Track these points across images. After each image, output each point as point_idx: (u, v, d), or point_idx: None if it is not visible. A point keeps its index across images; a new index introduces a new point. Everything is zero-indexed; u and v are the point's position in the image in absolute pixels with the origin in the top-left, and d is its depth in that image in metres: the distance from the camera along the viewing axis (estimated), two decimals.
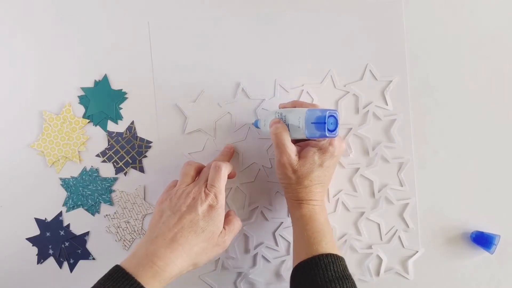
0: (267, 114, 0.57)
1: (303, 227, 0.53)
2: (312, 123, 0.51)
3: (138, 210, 0.62)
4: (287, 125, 0.53)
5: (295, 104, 0.56)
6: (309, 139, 0.54)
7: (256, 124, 0.59)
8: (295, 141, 0.55)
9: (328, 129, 0.51)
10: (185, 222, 0.50)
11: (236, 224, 0.55)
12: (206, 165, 0.57)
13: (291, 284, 0.52)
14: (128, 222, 0.62)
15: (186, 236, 0.49)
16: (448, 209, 0.60)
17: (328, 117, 0.50)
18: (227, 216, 0.54)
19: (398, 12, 0.60)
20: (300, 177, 0.53)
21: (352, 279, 0.51)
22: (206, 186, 0.52)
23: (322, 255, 0.50)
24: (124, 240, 0.62)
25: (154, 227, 0.51)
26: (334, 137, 0.52)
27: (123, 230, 0.63)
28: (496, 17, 0.59)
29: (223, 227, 0.52)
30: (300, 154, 0.53)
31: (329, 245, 0.51)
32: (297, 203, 0.54)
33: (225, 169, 0.54)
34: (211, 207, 0.51)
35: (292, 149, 0.53)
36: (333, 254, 0.50)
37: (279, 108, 0.57)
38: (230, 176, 0.56)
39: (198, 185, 0.53)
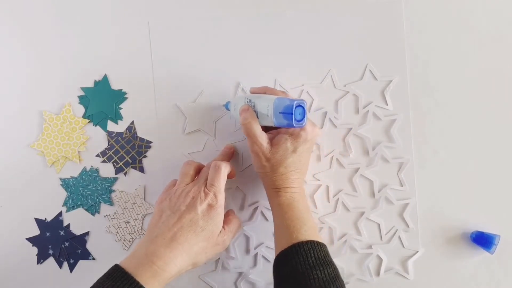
0: (237, 99, 0.56)
1: (282, 216, 0.53)
2: (280, 112, 0.51)
3: (138, 210, 0.62)
4: (256, 112, 0.53)
5: (266, 90, 0.56)
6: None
7: (227, 106, 0.58)
8: (266, 128, 0.55)
9: (295, 119, 0.51)
10: (184, 222, 0.50)
11: (236, 223, 0.55)
12: (206, 165, 0.57)
13: (274, 274, 0.52)
14: (128, 222, 0.62)
15: (185, 235, 0.49)
16: (448, 209, 0.60)
17: (296, 107, 0.50)
18: (226, 215, 0.54)
19: (398, 12, 0.60)
20: (275, 165, 0.53)
21: (333, 264, 0.50)
22: (205, 186, 0.52)
23: (302, 242, 0.50)
24: (124, 240, 0.62)
25: (154, 227, 0.51)
26: (302, 127, 0.52)
27: (123, 230, 0.63)
28: (496, 17, 0.59)
29: (223, 227, 0.52)
30: (272, 141, 0.53)
31: (309, 232, 0.51)
32: (275, 192, 0.54)
33: (225, 169, 0.54)
34: (210, 206, 0.51)
35: (263, 138, 0.53)
36: (313, 241, 0.50)
37: (250, 92, 0.57)
38: (230, 176, 0.56)
39: (197, 184, 0.53)
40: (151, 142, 0.62)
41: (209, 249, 0.51)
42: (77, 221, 0.63)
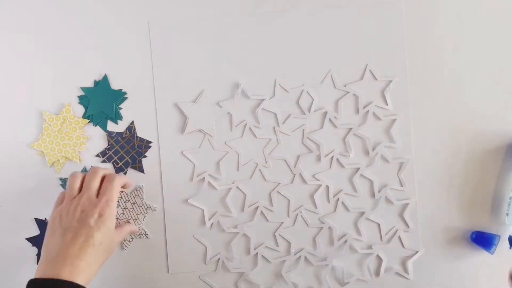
0: None
1: None
2: None
3: (138, 210, 0.62)
4: None
5: None
6: None
7: None
8: None
9: None
10: (79, 238, 0.49)
11: (125, 229, 0.57)
12: (88, 174, 0.55)
13: None
14: (128, 222, 0.62)
15: (84, 251, 0.48)
16: (448, 209, 0.60)
17: None
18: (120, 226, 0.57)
19: (398, 12, 0.60)
20: None
21: None
22: (96, 196, 0.53)
23: None
24: (124, 240, 0.62)
25: (48, 249, 0.50)
26: None
27: None
28: (496, 18, 0.59)
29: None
30: None
31: None
32: None
33: (118, 180, 0.54)
34: (100, 216, 0.51)
35: None
36: None
37: None
38: (125, 186, 0.58)
39: (85, 195, 0.52)
40: (151, 142, 0.62)
41: (107, 258, 0.52)
42: None
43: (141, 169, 0.62)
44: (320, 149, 0.61)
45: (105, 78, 0.62)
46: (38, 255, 0.63)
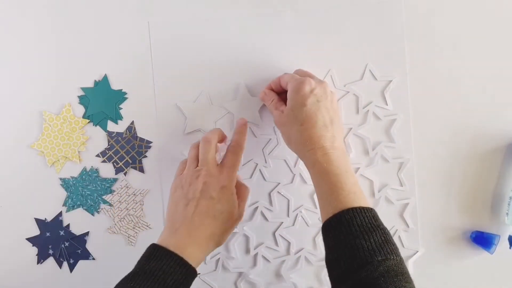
0: None
1: (316, 181, 0.50)
2: None
3: (139, 210, 0.62)
4: None
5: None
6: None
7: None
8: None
9: None
10: (202, 209, 0.50)
11: (245, 191, 0.56)
12: (201, 144, 0.55)
13: (324, 242, 0.48)
14: (123, 219, 0.62)
15: (205, 222, 0.50)
16: (448, 209, 0.60)
17: None
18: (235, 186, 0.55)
19: (398, 12, 0.60)
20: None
21: (381, 229, 0.46)
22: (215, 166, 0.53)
23: (342, 211, 0.46)
24: (129, 236, 0.62)
25: (173, 218, 0.52)
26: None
27: (124, 228, 0.63)
28: (496, 18, 0.59)
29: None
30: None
31: (349, 198, 0.47)
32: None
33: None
34: (223, 187, 0.52)
35: None
36: (355, 208, 0.46)
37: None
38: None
39: (204, 168, 0.53)
40: (151, 142, 0.62)
41: (230, 227, 0.53)
42: (77, 221, 0.63)
43: (141, 169, 0.62)
44: None
45: (105, 78, 0.62)
46: (38, 255, 0.63)
